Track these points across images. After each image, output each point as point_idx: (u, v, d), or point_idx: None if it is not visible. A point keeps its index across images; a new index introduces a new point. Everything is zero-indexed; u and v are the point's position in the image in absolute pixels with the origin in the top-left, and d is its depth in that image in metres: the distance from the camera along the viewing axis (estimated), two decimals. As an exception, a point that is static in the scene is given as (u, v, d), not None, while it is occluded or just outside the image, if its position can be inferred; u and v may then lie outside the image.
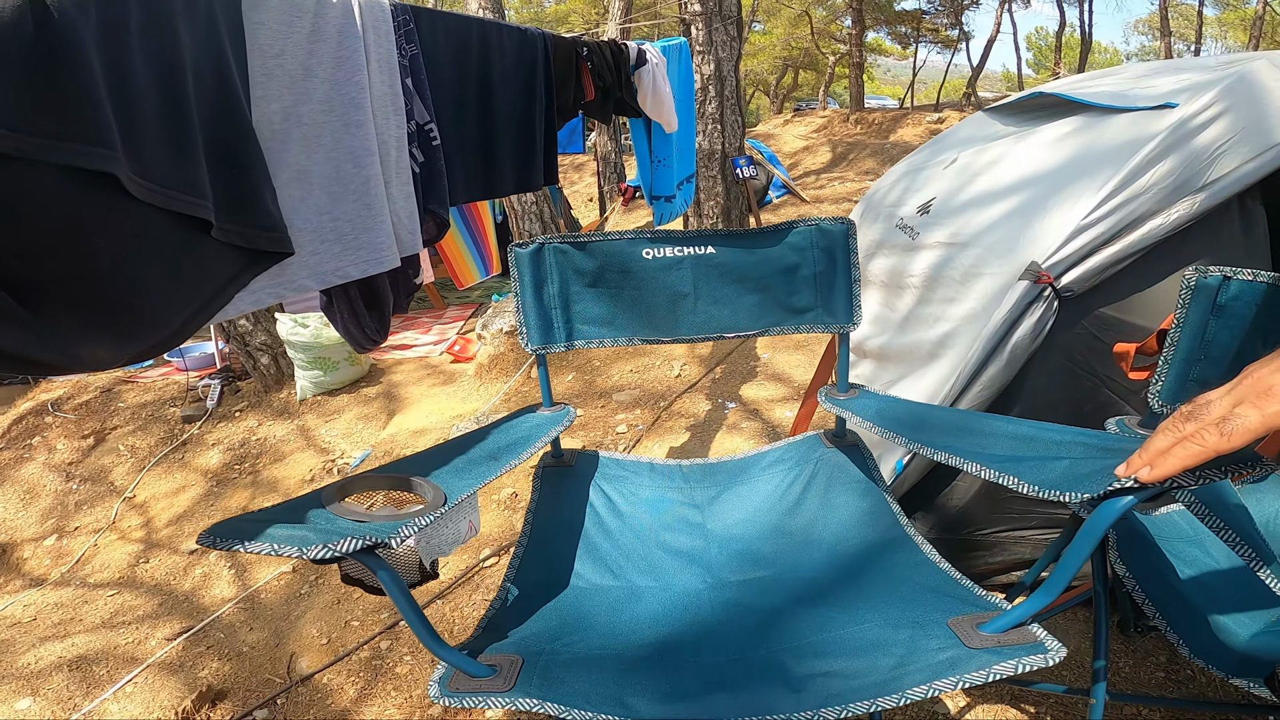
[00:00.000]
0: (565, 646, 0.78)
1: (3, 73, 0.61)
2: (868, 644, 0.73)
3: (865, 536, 0.99)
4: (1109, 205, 1.30)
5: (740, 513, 1.12)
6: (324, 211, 0.98)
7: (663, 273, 1.04)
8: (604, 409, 2.87)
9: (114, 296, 0.69)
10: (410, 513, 0.72)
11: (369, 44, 1.10)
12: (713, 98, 4.38)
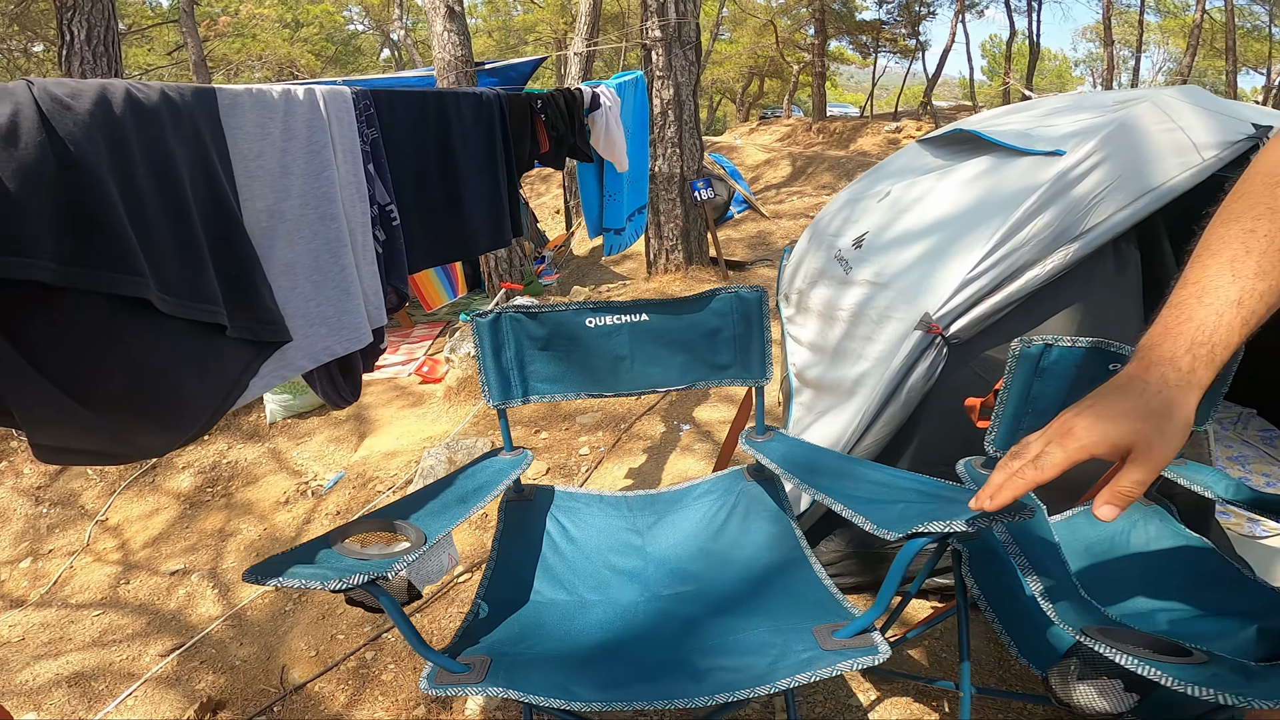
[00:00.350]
0: (526, 649, 1.01)
1: (38, 211, 0.79)
2: (755, 646, 0.97)
3: (772, 557, 1.23)
4: (993, 259, 1.53)
5: (674, 537, 1.36)
6: (310, 299, 1.18)
7: (604, 338, 1.28)
8: (568, 431, 3.08)
9: (155, 397, 0.89)
10: (400, 550, 0.93)
11: (334, 135, 1.29)
12: (672, 121, 4.62)
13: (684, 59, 4.75)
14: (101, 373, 0.84)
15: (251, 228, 1.10)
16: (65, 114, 0.83)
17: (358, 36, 25.04)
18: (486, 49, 23.98)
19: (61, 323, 0.79)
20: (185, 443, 1.00)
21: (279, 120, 1.17)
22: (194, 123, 1.02)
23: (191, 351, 0.93)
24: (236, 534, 2.77)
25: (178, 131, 0.99)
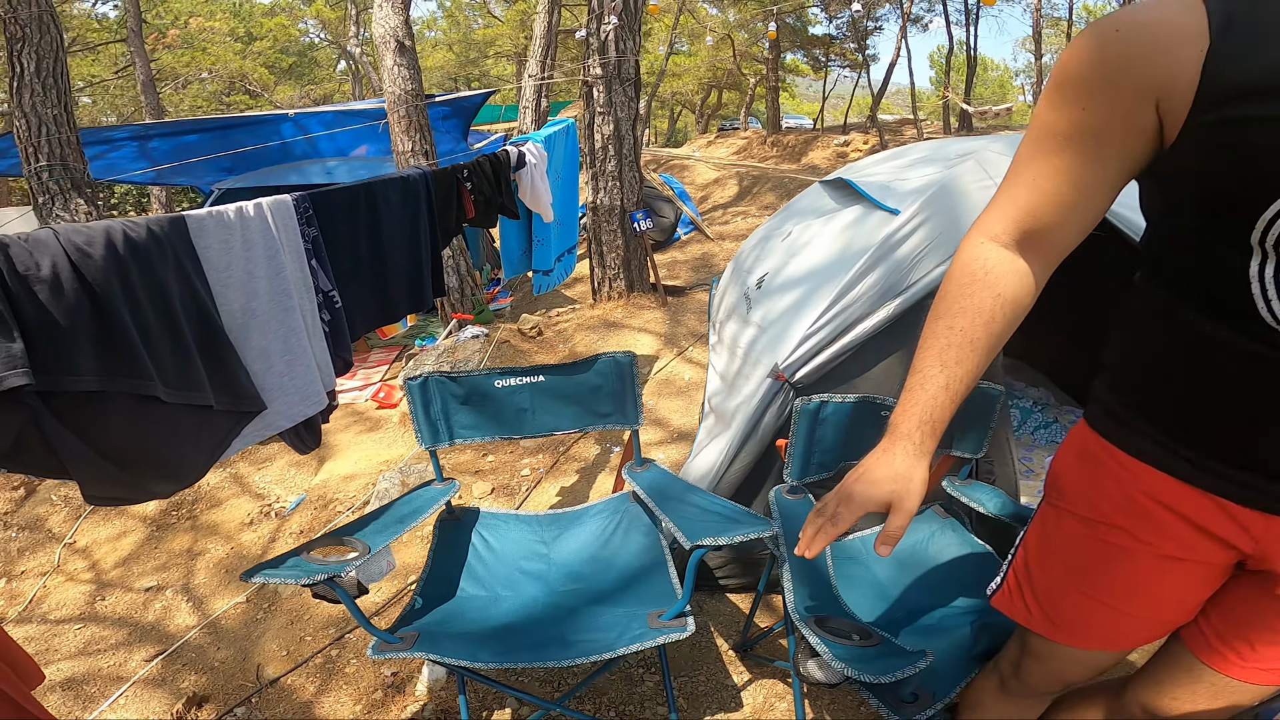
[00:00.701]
0: (448, 628, 1.40)
1: (81, 340, 1.15)
2: (610, 625, 1.37)
3: (641, 562, 1.64)
4: (831, 313, 1.92)
5: (572, 546, 1.75)
6: (282, 375, 1.53)
7: (510, 395, 1.68)
8: (512, 455, 3.46)
9: (164, 458, 1.25)
10: (350, 558, 1.31)
11: (282, 240, 1.62)
12: (612, 156, 5.01)
13: (623, 95, 5.13)
14: (127, 444, 1.20)
15: (230, 325, 1.46)
16: (88, 261, 1.19)
17: (314, 48, 25.05)
18: (446, 62, 24.26)
19: (99, 413, 1.16)
20: (186, 486, 1.36)
21: (238, 235, 1.53)
22: (174, 249, 1.38)
23: (189, 424, 1.30)
24: (205, 553, 3.07)
25: (163, 259, 1.34)
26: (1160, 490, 0.90)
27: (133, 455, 1.21)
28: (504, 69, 24.53)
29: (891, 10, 17.33)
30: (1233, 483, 0.85)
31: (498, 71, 24.91)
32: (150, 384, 1.21)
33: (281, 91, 23.84)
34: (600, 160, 4.94)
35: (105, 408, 1.15)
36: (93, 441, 1.14)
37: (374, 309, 1.89)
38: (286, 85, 24.46)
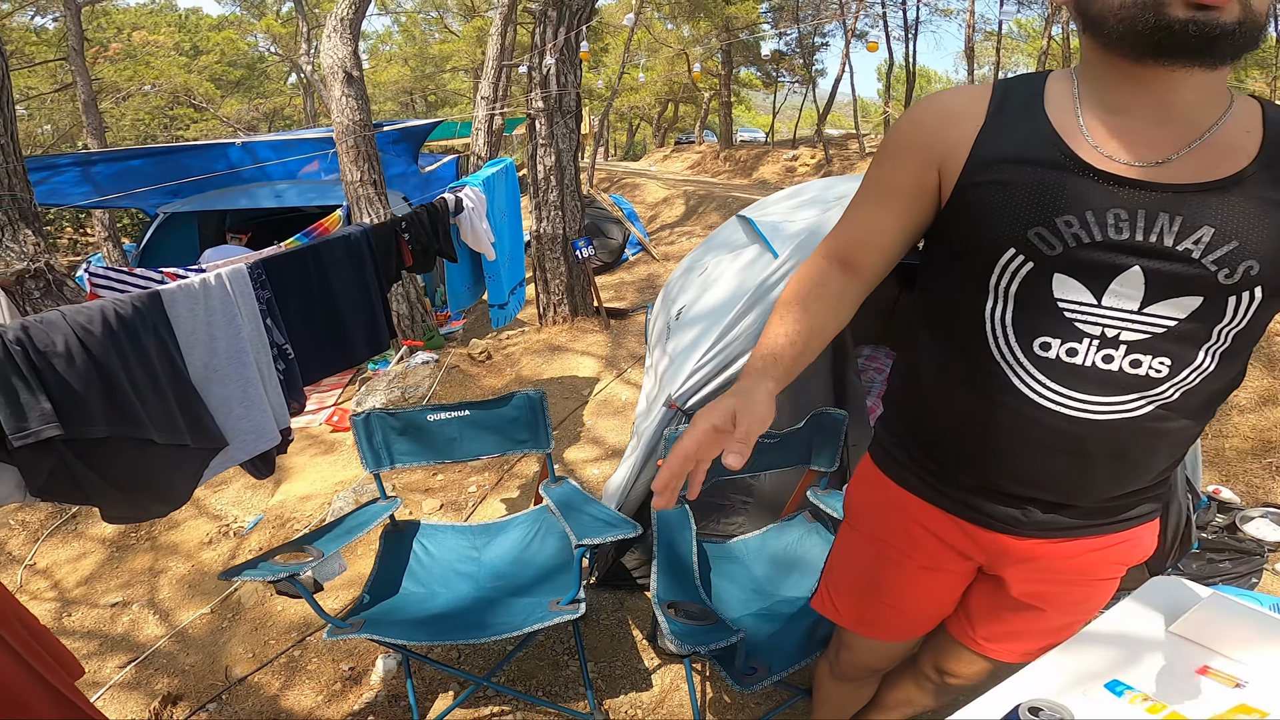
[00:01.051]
0: (390, 617, 1.76)
1: (90, 399, 1.48)
2: (521, 610, 1.75)
3: (555, 562, 2.02)
4: (715, 349, 2.30)
5: (498, 550, 2.13)
6: (241, 419, 1.87)
7: (441, 427, 2.05)
8: (460, 473, 3.79)
9: (159, 486, 1.59)
10: (307, 561, 1.66)
11: (239, 304, 1.94)
12: (554, 187, 5.37)
13: (565, 128, 5.46)
14: (131, 476, 1.54)
15: (195, 379, 1.79)
16: (91, 337, 1.53)
17: (264, 60, 24.94)
18: (401, 77, 24.39)
19: (109, 454, 1.50)
20: (177, 508, 1.70)
21: (201, 302, 1.86)
22: (152, 320, 1.71)
23: (175, 460, 1.64)
24: (167, 570, 3.34)
25: (145, 330, 1.68)
26: (919, 514, 1.13)
27: (135, 484, 1.55)
28: (461, 83, 24.76)
29: (837, 26, 18.12)
30: (968, 507, 1.07)
31: (455, 85, 25.15)
32: (145, 429, 1.55)
33: (229, 105, 23.70)
34: (543, 191, 5.32)
35: (113, 449, 1.49)
36: (105, 475, 1.47)
37: (330, 356, 2.23)
38: (234, 99, 24.31)
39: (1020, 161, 0.88)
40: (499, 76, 10.90)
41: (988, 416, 0.97)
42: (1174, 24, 0.77)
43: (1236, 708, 1.04)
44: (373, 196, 5.48)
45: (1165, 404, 0.91)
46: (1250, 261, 0.83)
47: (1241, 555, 3.11)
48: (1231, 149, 0.85)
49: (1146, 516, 1.09)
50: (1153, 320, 0.87)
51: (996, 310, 0.92)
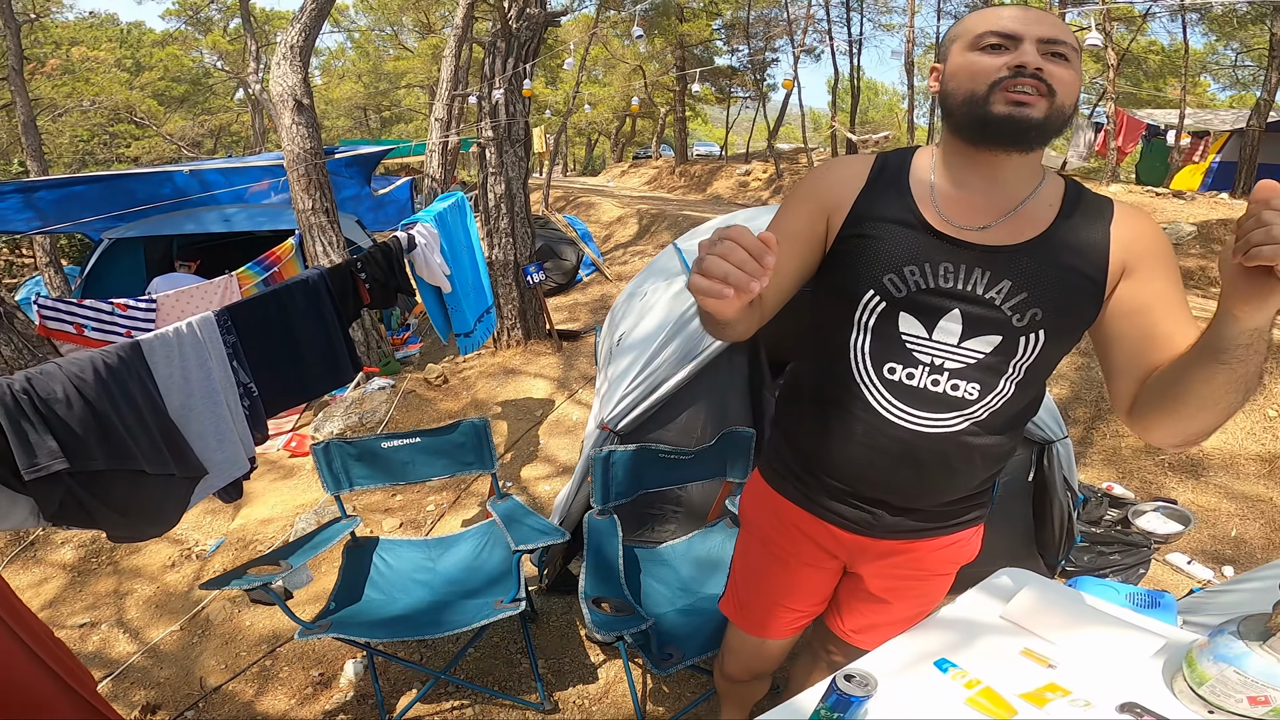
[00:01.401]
0: (354, 619, 2.05)
1: (89, 439, 1.75)
2: (470, 609, 2.06)
3: (501, 570, 2.33)
4: (643, 375, 2.62)
5: (452, 560, 2.43)
6: (216, 450, 2.14)
7: (394, 453, 2.35)
8: (419, 493, 4.06)
9: (152, 510, 1.86)
10: (279, 573, 1.94)
11: (209, 349, 2.20)
12: (504, 214, 5.63)
13: (514, 155, 5.69)
14: (128, 503, 1.81)
15: (175, 416, 2.05)
16: (85, 384, 1.80)
17: (210, 76, 24.68)
18: (354, 93, 24.44)
19: (108, 484, 1.77)
20: (168, 530, 1.99)
21: (176, 349, 2.12)
22: (135, 367, 1.98)
23: (164, 488, 1.92)
24: (132, 593, 3.51)
25: (129, 375, 1.94)
26: (797, 519, 1.35)
27: (133, 509, 1.82)
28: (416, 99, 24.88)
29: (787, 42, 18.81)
30: (833, 512, 1.29)
31: (410, 102, 25.27)
32: (137, 461, 1.82)
33: (174, 122, 23.42)
34: (494, 218, 5.61)
35: (111, 479, 1.76)
36: (106, 501, 1.74)
37: (293, 391, 2.48)
38: (179, 115, 24.03)
39: (884, 220, 1.12)
40: (453, 98, 11.15)
41: (849, 429, 1.20)
42: (996, 118, 1.02)
43: (1046, 686, 1.20)
44: (325, 225, 5.61)
45: (977, 421, 1.16)
46: (1035, 309, 1.08)
47: (1130, 548, 3.52)
48: (1034, 219, 1.11)
49: (973, 521, 1.34)
50: (968, 352, 1.11)
51: (858, 341, 1.16)
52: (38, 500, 1.63)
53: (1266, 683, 1.09)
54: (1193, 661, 1.17)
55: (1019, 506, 3.05)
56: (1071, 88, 1.05)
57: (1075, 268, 1.09)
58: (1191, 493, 4.05)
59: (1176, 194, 10.22)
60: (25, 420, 1.64)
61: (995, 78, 1.03)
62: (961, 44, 1.09)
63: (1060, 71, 1.03)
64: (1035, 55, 1.02)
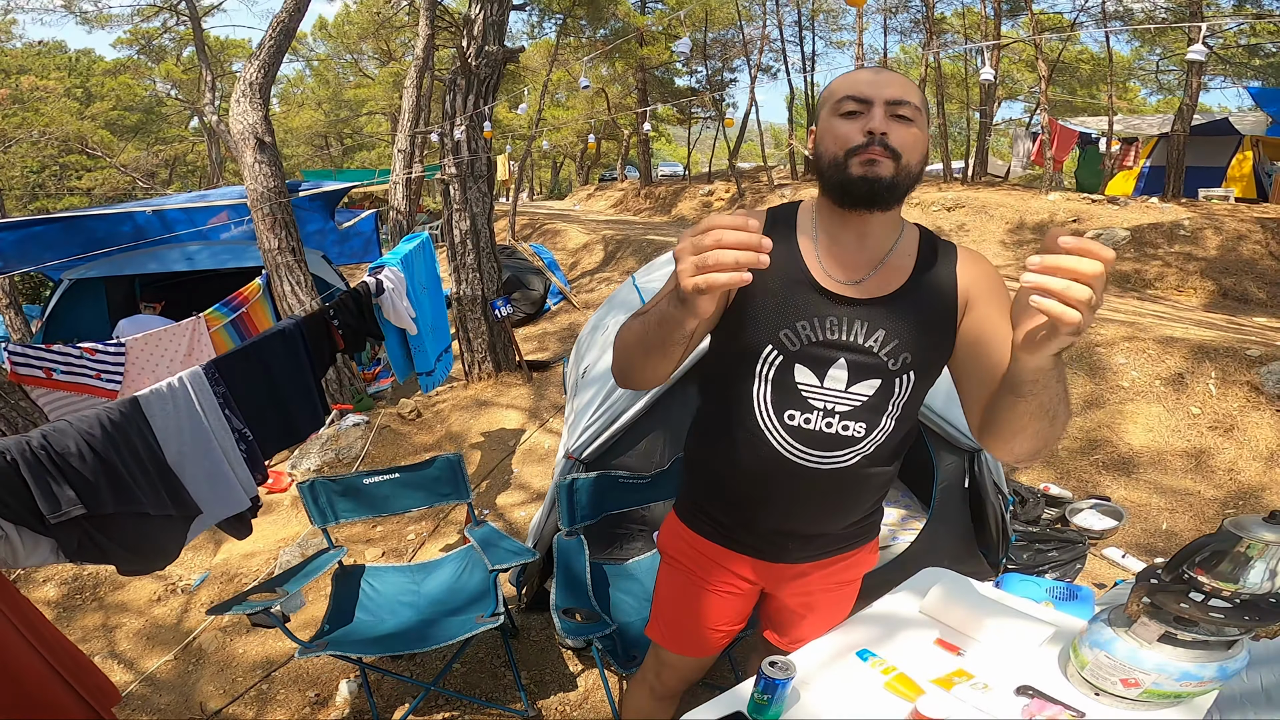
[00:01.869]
0: (348, 639, 2.30)
1: (101, 486, 1.99)
2: (455, 625, 2.32)
3: (481, 588, 2.58)
4: (603, 407, 2.88)
5: (435, 583, 2.68)
6: (209, 491, 2.34)
7: (376, 488, 2.61)
8: (399, 523, 4.27)
9: (157, 547, 2.10)
10: (278, 598, 2.19)
11: (200, 401, 2.39)
12: (471, 249, 5.81)
13: (478, 192, 5.83)
14: (135, 541, 2.04)
15: (172, 462, 2.27)
16: (94, 439, 2.03)
17: (164, 104, 24.54)
18: (314, 122, 24.52)
19: (118, 525, 2.00)
20: (171, 563, 2.22)
21: (170, 401, 2.33)
22: (135, 421, 2.20)
23: (165, 527, 2.15)
24: (121, 626, 3.60)
25: (131, 428, 2.16)
26: (714, 553, 1.47)
27: (139, 546, 2.05)
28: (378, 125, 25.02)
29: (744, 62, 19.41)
30: (747, 545, 1.43)
31: (371, 129, 25.42)
32: (142, 505, 2.07)
33: (128, 152, 23.26)
34: (460, 254, 5.83)
35: (120, 521, 1.99)
36: (117, 541, 1.97)
37: (280, 434, 2.71)
38: (133, 145, 23.86)
39: (777, 279, 1.23)
40: (414, 127, 11.38)
41: (758, 471, 1.31)
42: (853, 180, 1.15)
43: (954, 671, 1.37)
44: (292, 264, 5.72)
45: (866, 455, 1.29)
46: (906, 353, 1.23)
47: (1066, 544, 3.86)
48: (898, 269, 1.25)
49: (868, 537, 1.51)
50: (854, 396, 1.24)
51: (759, 390, 1.27)
52: (59, 540, 1.86)
53: (1132, 665, 1.25)
54: (1076, 648, 1.35)
55: (958, 511, 3.37)
56: (915, 147, 1.17)
57: (933, 310, 1.25)
58: (1124, 489, 4.40)
59: (1111, 199, 10.67)
60: (45, 473, 1.87)
61: (851, 144, 1.15)
62: (828, 109, 1.21)
63: (903, 133, 1.15)
64: (882, 120, 1.13)
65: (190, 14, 18.16)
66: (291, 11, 6.10)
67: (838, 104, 1.18)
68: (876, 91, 1.15)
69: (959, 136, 20.82)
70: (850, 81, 1.20)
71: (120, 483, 2.05)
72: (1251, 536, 1.25)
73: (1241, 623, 1.24)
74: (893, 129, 1.15)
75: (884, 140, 1.14)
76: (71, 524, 1.90)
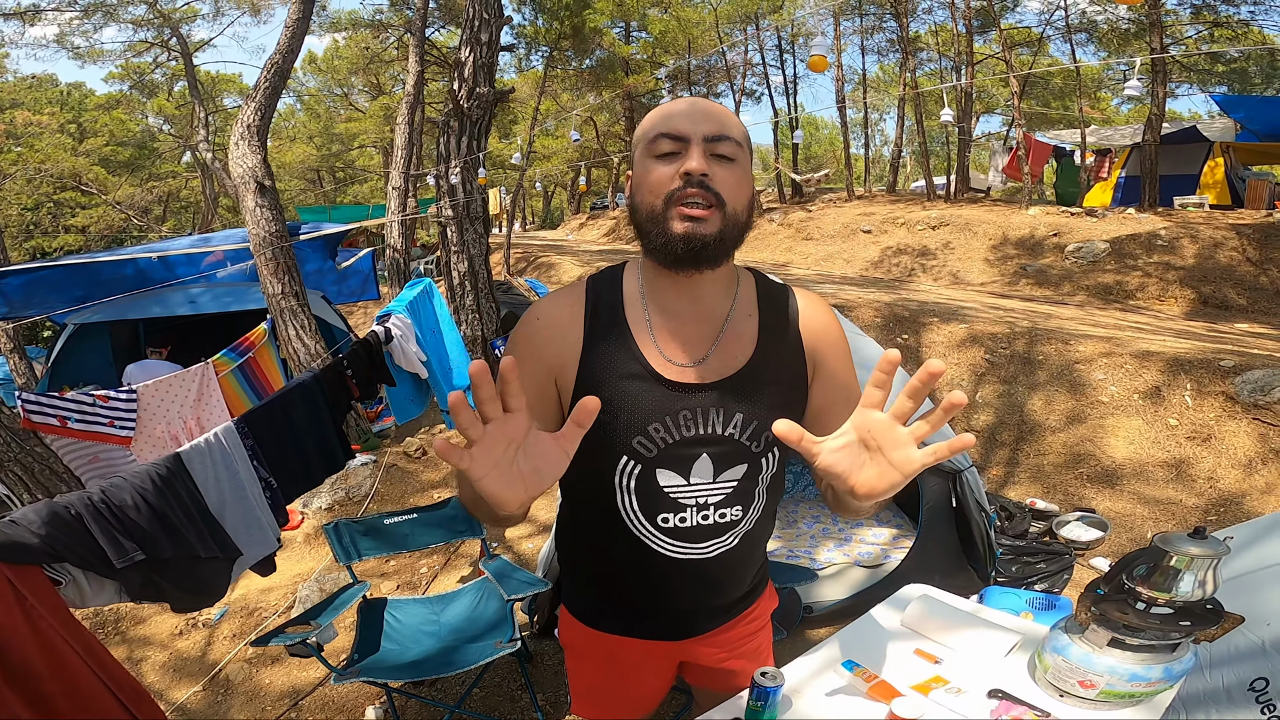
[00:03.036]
0: (377, 665, 2.48)
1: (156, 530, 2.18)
2: (475, 651, 2.50)
3: (497, 616, 2.77)
4: None
5: (454, 613, 2.86)
6: (245, 534, 2.53)
7: (396, 527, 2.81)
8: (411, 558, 4.43)
9: (205, 585, 2.29)
10: (314, 630, 2.37)
11: (233, 454, 2.61)
12: (469, 291, 5.99)
13: (474, 233, 6.01)
14: (189, 581, 2.23)
15: (214, 510, 2.47)
16: (147, 492, 2.22)
17: (156, 139, 24.64)
18: (307, 156, 24.75)
19: (174, 567, 2.20)
20: (219, 599, 2.41)
21: (208, 455, 2.53)
22: (180, 475, 2.40)
23: (212, 567, 2.34)
24: (146, 659, 3.73)
25: (178, 481, 2.35)
26: (620, 645, 1.37)
27: (193, 586, 2.25)
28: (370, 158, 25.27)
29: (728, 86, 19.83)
30: (652, 632, 1.34)
31: (363, 162, 25.68)
32: (193, 549, 2.26)
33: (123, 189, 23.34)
34: (459, 295, 6.00)
35: (175, 564, 2.18)
36: (173, 581, 2.16)
37: (301, 481, 2.89)
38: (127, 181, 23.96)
39: (616, 378, 1.09)
40: (408, 164, 11.61)
41: (643, 571, 1.23)
42: (677, 238, 1.01)
43: (932, 678, 1.45)
44: (296, 309, 5.84)
45: (746, 532, 1.23)
46: (766, 431, 1.13)
47: (1053, 556, 4.05)
48: (741, 337, 1.14)
49: (763, 587, 1.47)
50: (724, 485, 1.16)
51: (623, 499, 1.16)
52: (123, 583, 2.05)
53: (1086, 668, 1.36)
54: (1040, 653, 1.45)
55: (945, 530, 3.57)
56: (740, 189, 1.05)
57: (785, 381, 1.17)
58: (1109, 501, 4.60)
59: (1089, 212, 10.94)
60: (109, 524, 2.07)
61: (669, 189, 1.02)
62: (642, 149, 1.07)
63: (726, 175, 1.03)
64: (701, 160, 1.01)
65: (181, 50, 18.48)
66: (285, 52, 6.27)
67: (651, 144, 1.05)
68: (692, 127, 1.03)
69: (940, 151, 21.23)
70: (664, 115, 1.07)
71: (173, 530, 2.25)
72: (1177, 550, 1.44)
73: (1179, 628, 1.41)
74: (714, 170, 1.02)
75: (704, 182, 1.01)
76: (133, 568, 2.08)
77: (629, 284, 1.17)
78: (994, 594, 3.13)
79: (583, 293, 1.17)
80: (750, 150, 1.10)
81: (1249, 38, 14.12)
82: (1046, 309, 7.93)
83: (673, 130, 1.03)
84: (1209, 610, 1.44)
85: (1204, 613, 1.43)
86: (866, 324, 6.58)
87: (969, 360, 5.94)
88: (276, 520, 2.72)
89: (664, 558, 1.20)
